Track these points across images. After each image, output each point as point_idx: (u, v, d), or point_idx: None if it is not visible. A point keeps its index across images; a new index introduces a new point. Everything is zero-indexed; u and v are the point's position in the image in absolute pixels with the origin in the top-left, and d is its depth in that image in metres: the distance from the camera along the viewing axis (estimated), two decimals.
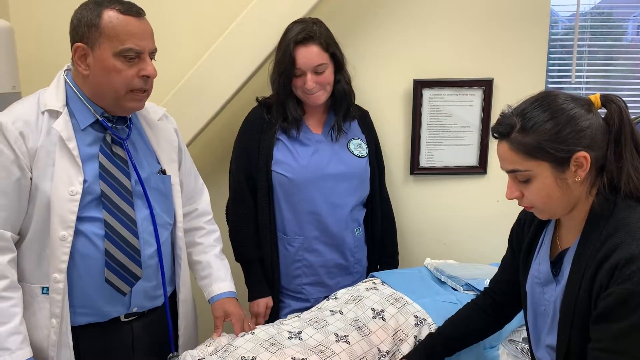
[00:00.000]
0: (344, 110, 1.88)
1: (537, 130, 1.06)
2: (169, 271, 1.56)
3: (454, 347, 1.43)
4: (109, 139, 1.41)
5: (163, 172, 1.52)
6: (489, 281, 1.68)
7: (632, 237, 1.01)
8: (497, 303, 1.42)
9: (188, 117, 1.97)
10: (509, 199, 1.15)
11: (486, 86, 2.16)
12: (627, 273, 0.99)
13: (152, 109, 1.57)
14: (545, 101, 1.09)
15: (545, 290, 1.20)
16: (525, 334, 1.58)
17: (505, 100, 2.37)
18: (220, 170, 2.11)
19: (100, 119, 1.39)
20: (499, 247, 2.32)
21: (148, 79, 1.38)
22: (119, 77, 1.34)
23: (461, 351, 1.47)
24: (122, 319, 1.45)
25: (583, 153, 1.06)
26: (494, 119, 2.19)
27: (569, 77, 2.31)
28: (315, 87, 1.78)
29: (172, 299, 1.59)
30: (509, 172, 1.13)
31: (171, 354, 1.50)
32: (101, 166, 1.38)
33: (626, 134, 1.07)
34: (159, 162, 1.53)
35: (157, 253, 1.47)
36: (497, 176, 2.26)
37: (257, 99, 1.93)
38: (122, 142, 1.43)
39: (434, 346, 1.42)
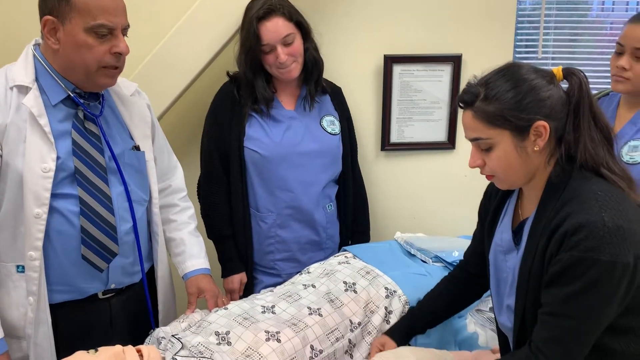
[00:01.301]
0: (316, 78, 1.88)
1: (499, 99, 1.09)
2: (146, 247, 1.55)
3: (434, 321, 1.48)
4: (81, 115, 1.38)
5: (137, 148, 1.50)
6: (458, 253, 1.74)
7: (582, 207, 1.05)
8: (472, 274, 1.46)
9: (157, 91, 1.93)
10: (471, 167, 1.18)
11: (455, 62, 2.18)
12: (575, 240, 1.03)
13: (124, 84, 1.54)
14: (509, 71, 1.12)
15: (507, 258, 1.25)
16: (491, 304, 1.64)
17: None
18: (191, 146, 2.09)
19: (71, 95, 1.36)
20: (467, 221, 2.37)
21: (120, 55, 1.35)
22: (90, 54, 1.30)
23: None
24: (100, 295, 1.45)
25: (542, 122, 1.09)
26: None
27: (536, 52, 2.35)
28: (289, 59, 1.77)
29: (150, 276, 1.59)
30: (472, 140, 1.16)
31: (152, 331, 1.51)
32: (74, 142, 1.35)
33: (585, 105, 1.11)
34: (132, 138, 1.51)
35: (133, 229, 1.46)
36: (465, 151, 2.29)
37: (227, 73, 1.91)
38: (94, 118, 1.40)
39: (415, 321, 1.46)
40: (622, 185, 1.10)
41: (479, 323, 1.61)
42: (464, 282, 1.47)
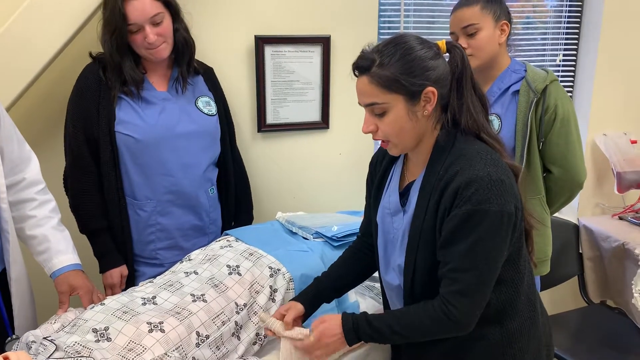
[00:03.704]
0: (187, 60, 1.83)
1: (394, 65, 1.17)
2: None
3: (338, 289, 1.51)
4: None
5: None
6: (337, 227, 1.80)
7: (469, 165, 1.16)
8: (369, 243, 1.51)
9: (5, 76, 1.75)
10: (365, 133, 1.25)
11: (324, 43, 2.24)
12: (467, 195, 1.13)
13: None
14: (400, 40, 1.20)
15: (394, 220, 1.33)
16: None
17: (343, 56, 2.48)
18: (54, 134, 1.93)
19: None
20: (343, 196, 2.47)
21: None
22: None
23: None
24: None
25: (431, 88, 1.18)
26: (333, 75, 2.30)
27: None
28: (158, 40, 1.70)
29: (2, 279, 1.45)
30: (366, 105, 1.22)
31: (9, 338, 1.38)
32: None
33: (467, 76, 1.23)
34: None
35: None
36: (338, 131, 2.39)
37: (90, 54, 1.79)
38: None
39: (321, 289, 1.48)
40: (498, 147, 1.24)
41: (359, 292, 1.70)
42: (363, 252, 1.53)
